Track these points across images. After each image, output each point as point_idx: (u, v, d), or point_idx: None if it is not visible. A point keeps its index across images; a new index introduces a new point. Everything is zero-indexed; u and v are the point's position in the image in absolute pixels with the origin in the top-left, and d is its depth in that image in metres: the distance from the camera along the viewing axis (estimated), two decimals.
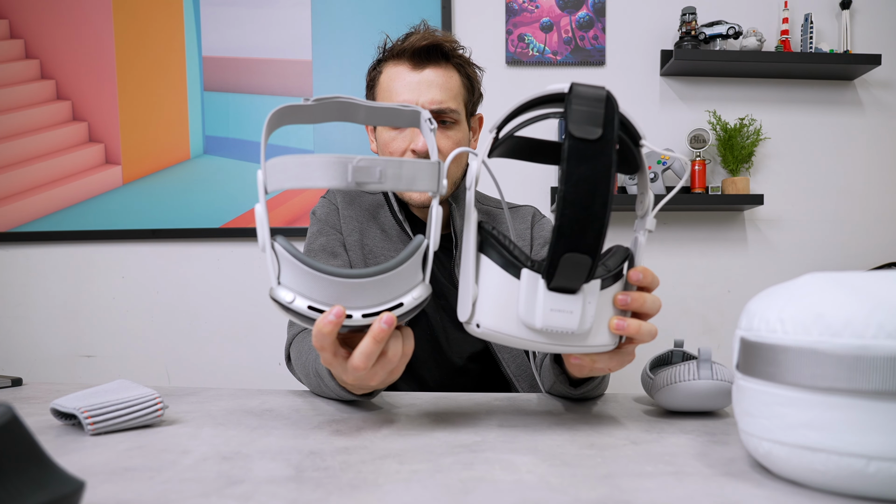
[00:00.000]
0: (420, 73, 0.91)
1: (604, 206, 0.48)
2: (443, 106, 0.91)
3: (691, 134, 1.74)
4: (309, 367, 0.75)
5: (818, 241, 1.85)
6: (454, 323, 0.99)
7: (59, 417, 0.61)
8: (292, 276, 0.52)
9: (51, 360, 1.84)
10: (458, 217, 0.99)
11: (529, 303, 0.51)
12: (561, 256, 0.49)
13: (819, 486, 0.40)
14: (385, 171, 0.51)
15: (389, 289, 0.53)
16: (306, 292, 0.52)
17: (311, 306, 0.51)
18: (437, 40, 0.91)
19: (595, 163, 0.48)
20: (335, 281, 0.51)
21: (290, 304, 0.51)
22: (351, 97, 0.59)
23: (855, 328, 0.38)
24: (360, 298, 0.52)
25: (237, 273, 1.83)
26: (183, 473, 0.46)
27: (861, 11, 1.82)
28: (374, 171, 0.50)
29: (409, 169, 0.52)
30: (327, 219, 1.01)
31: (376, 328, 0.51)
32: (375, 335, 0.51)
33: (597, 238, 0.49)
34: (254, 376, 1.83)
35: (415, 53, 0.91)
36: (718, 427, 0.60)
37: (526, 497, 0.41)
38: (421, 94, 0.90)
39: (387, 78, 0.93)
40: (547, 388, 0.75)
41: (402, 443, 0.54)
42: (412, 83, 0.91)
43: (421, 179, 0.53)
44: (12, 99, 1.80)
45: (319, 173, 0.50)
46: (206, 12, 1.80)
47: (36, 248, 1.83)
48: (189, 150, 1.81)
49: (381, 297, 0.53)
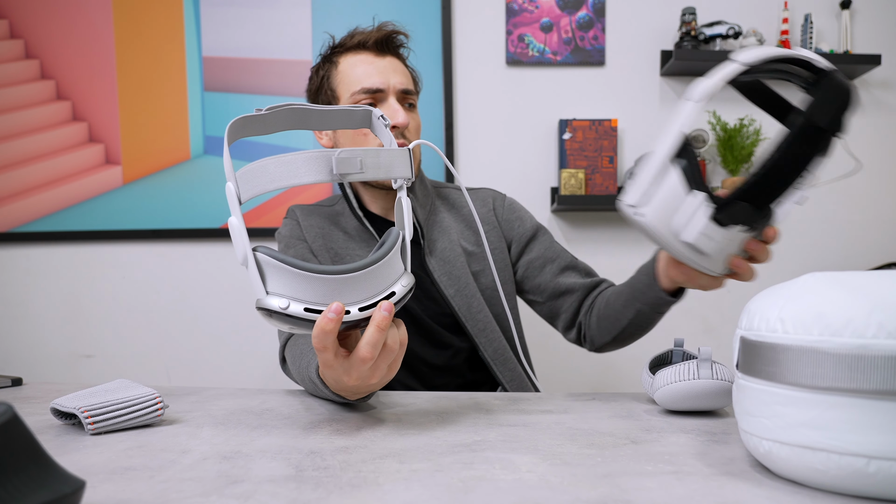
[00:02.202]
0: (384, 59, 0.95)
1: (791, 182, 0.59)
2: (408, 87, 0.96)
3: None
4: (304, 374, 0.74)
5: (818, 241, 1.85)
6: (432, 311, 1.00)
7: (59, 417, 0.61)
8: (281, 281, 0.51)
9: (51, 360, 1.84)
10: (417, 207, 1.00)
11: (691, 220, 0.58)
12: (738, 202, 0.58)
13: (819, 486, 0.40)
14: (364, 160, 0.54)
15: (379, 280, 0.54)
16: (299, 295, 0.51)
17: (307, 308, 0.51)
18: (395, 30, 0.97)
19: (812, 148, 0.57)
20: (327, 279, 0.51)
21: (286, 309, 0.51)
22: (303, 103, 0.61)
23: (855, 328, 0.38)
24: (353, 293, 0.52)
25: (237, 273, 1.83)
26: (183, 473, 0.46)
27: (861, 11, 1.82)
28: (356, 161, 0.53)
29: (385, 157, 0.56)
30: (291, 233, 1.03)
31: (378, 316, 0.52)
32: (378, 323, 0.52)
33: (770, 202, 0.60)
34: (254, 376, 1.83)
35: (377, 43, 0.95)
36: (718, 427, 0.60)
37: (526, 496, 0.41)
38: (389, 77, 0.94)
39: (347, 67, 0.96)
40: (622, 303, 0.87)
41: (402, 442, 0.54)
42: (379, 67, 0.94)
43: (397, 166, 0.57)
44: (12, 99, 1.80)
45: (305, 169, 0.51)
46: (206, 12, 1.80)
47: (36, 248, 1.83)
48: (189, 150, 1.81)
49: (374, 290, 0.54)
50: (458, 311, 0.96)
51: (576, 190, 1.70)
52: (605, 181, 1.74)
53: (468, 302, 0.97)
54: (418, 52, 1.80)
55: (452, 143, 1.80)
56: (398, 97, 0.95)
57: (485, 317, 0.97)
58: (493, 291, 1.01)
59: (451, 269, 0.98)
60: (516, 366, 0.98)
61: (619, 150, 1.82)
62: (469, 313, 0.97)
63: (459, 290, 0.97)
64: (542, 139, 1.82)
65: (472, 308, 0.97)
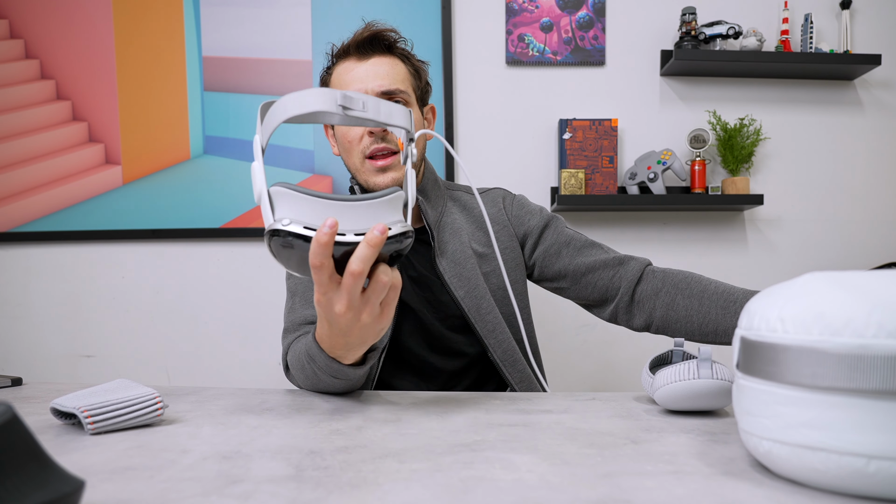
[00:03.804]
0: (366, 63, 0.96)
1: None
2: (391, 87, 0.95)
3: (691, 134, 1.74)
4: (302, 355, 0.75)
5: (818, 241, 1.85)
6: (442, 314, 0.99)
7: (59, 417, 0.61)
8: (287, 207, 0.56)
9: (51, 360, 1.84)
10: (429, 209, 1.00)
11: None
12: None
13: (819, 486, 0.40)
14: (367, 102, 0.60)
15: (378, 215, 0.57)
16: (301, 218, 0.55)
17: (306, 226, 0.55)
18: (377, 31, 0.97)
19: None
20: (328, 203, 0.55)
21: (286, 226, 0.54)
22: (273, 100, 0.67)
23: (855, 327, 0.38)
24: (351, 221, 0.56)
25: (237, 273, 1.83)
26: (183, 473, 0.46)
27: (861, 11, 1.82)
28: (358, 100, 0.59)
29: (386, 106, 0.62)
30: None
31: (370, 235, 0.54)
32: (370, 240, 0.54)
33: None
34: (254, 376, 1.83)
35: (359, 46, 0.96)
36: (718, 426, 0.60)
37: (526, 496, 0.41)
38: (368, 82, 0.94)
39: (337, 75, 0.98)
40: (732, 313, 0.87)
41: (402, 442, 0.54)
42: (359, 73, 0.95)
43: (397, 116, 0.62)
44: (12, 99, 1.80)
45: (312, 99, 0.58)
46: (206, 12, 1.80)
47: (36, 248, 1.83)
48: (189, 150, 1.81)
49: (373, 219, 0.57)
50: (468, 313, 0.96)
51: (576, 190, 1.70)
52: (605, 181, 1.74)
53: (478, 303, 0.96)
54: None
55: (452, 143, 1.80)
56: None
57: (494, 318, 0.97)
58: (503, 292, 1.00)
59: (462, 270, 0.97)
60: (525, 367, 0.98)
61: (619, 150, 1.82)
62: (479, 314, 0.96)
63: (469, 291, 0.97)
64: (542, 139, 1.82)
65: (482, 309, 0.97)
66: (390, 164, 0.95)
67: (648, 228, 1.83)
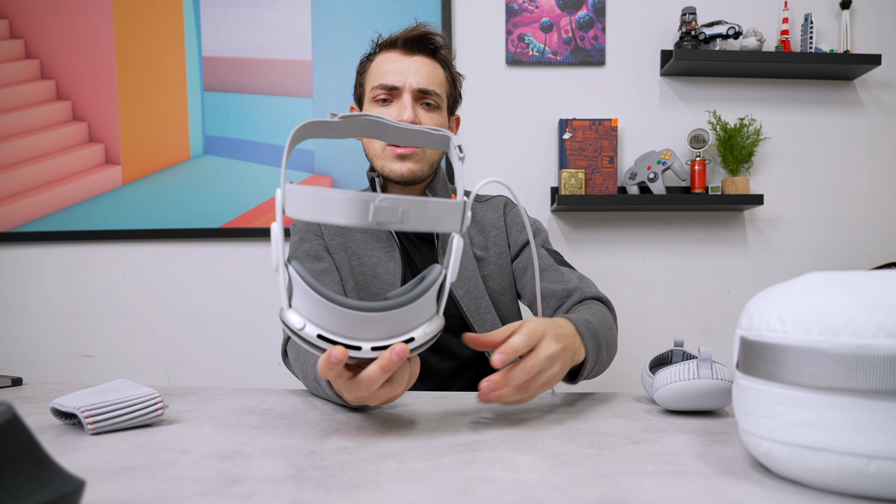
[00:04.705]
0: (410, 59, 0.98)
1: None
2: (428, 87, 0.97)
3: (691, 134, 1.74)
4: (308, 371, 0.75)
5: (818, 241, 1.85)
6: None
7: (59, 417, 0.61)
8: (304, 301, 0.51)
9: (51, 360, 1.84)
10: None
11: None
12: None
13: (819, 486, 0.40)
14: (408, 211, 0.49)
15: (402, 322, 0.52)
16: (317, 320, 0.51)
17: (320, 335, 0.51)
18: (428, 32, 0.99)
19: None
20: (347, 313, 0.50)
21: (300, 331, 0.51)
22: (381, 118, 0.58)
23: (855, 327, 0.38)
24: (371, 331, 0.51)
25: (237, 273, 1.83)
26: (183, 473, 0.46)
27: (861, 11, 1.82)
28: (397, 210, 0.49)
29: (433, 209, 0.51)
30: (308, 227, 1.03)
31: (386, 359, 0.51)
32: (384, 365, 0.51)
33: None
34: (254, 376, 1.83)
35: (406, 41, 0.98)
36: (718, 426, 0.60)
37: (526, 496, 0.41)
38: (409, 75, 0.96)
39: (378, 62, 1.00)
40: None
41: (402, 442, 0.54)
42: (402, 66, 0.97)
43: (444, 220, 0.52)
44: (12, 99, 1.80)
45: (340, 209, 0.48)
46: (206, 12, 1.80)
47: (36, 248, 1.83)
48: (189, 150, 1.81)
49: (393, 331, 0.52)
50: (467, 312, 0.98)
51: (576, 190, 1.70)
52: (605, 181, 1.74)
53: (477, 303, 0.99)
54: None
55: None
56: (414, 96, 0.96)
57: (493, 318, 0.99)
58: (500, 295, 1.02)
59: (462, 270, 1.00)
60: None
61: (619, 150, 1.82)
62: (477, 314, 0.98)
63: (469, 291, 0.99)
64: (542, 139, 1.82)
65: (481, 310, 0.99)
66: (410, 154, 0.96)
67: (648, 228, 1.83)
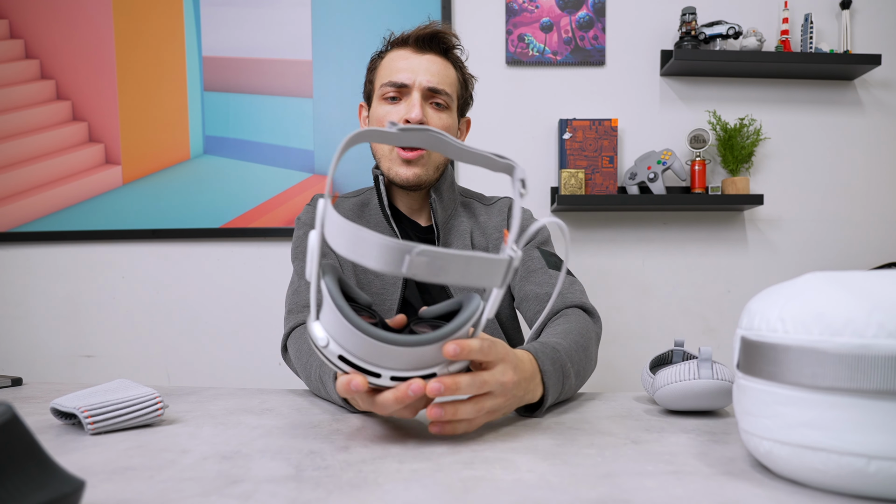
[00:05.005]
0: (421, 57, 0.97)
1: None
2: (438, 86, 0.95)
3: (691, 134, 1.74)
4: (312, 371, 0.75)
5: (818, 241, 1.85)
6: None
7: (59, 417, 0.61)
8: (331, 320, 0.51)
9: (51, 360, 1.84)
10: (439, 209, 0.99)
11: None
12: None
13: (819, 486, 0.40)
14: (446, 266, 0.46)
15: (425, 357, 0.51)
16: (341, 340, 0.51)
17: (341, 356, 0.51)
18: (441, 31, 0.98)
19: None
20: (370, 342, 0.50)
21: (324, 348, 0.51)
22: (442, 133, 0.56)
23: (855, 327, 0.37)
24: (392, 361, 0.51)
25: (237, 273, 1.83)
26: (183, 473, 0.46)
27: (861, 11, 1.82)
28: (434, 265, 0.46)
29: (476, 267, 0.48)
30: (312, 223, 1.02)
31: (402, 392, 0.51)
32: (398, 397, 0.51)
33: None
34: (254, 376, 1.83)
35: (418, 39, 0.97)
36: (718, 427, 0.60)
37: (526, 496, 0.41)
38: (419, 73, 0.95)
39: (389, 59, 0.99)
40: None
41: (402, 442, 0.54)
42: (412, 63, 0.96)
43: (487, 277, 0.49)
44: (12, 99, 1.80)
45: (374, 254, 0.46)
46: (206, 12, 1.80)
47: (36, 248, 1.83)
48: (189, 150, 1.81)
49: (415, 364, 0.51)
50: None
51: (576, 190, 1.70)
52: (605, 181, 1.74)
53: None
54: None
55: None
56: (423, 94, 0.95)
57: (491, 322, 0.99)
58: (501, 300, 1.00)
59: None
60: None
61: (619, 150, 1.82)
62: None
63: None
64: (542, 139, 1.82)
65: None
66: (417, 159, 0.95)
67: (648, 228, 1.83)
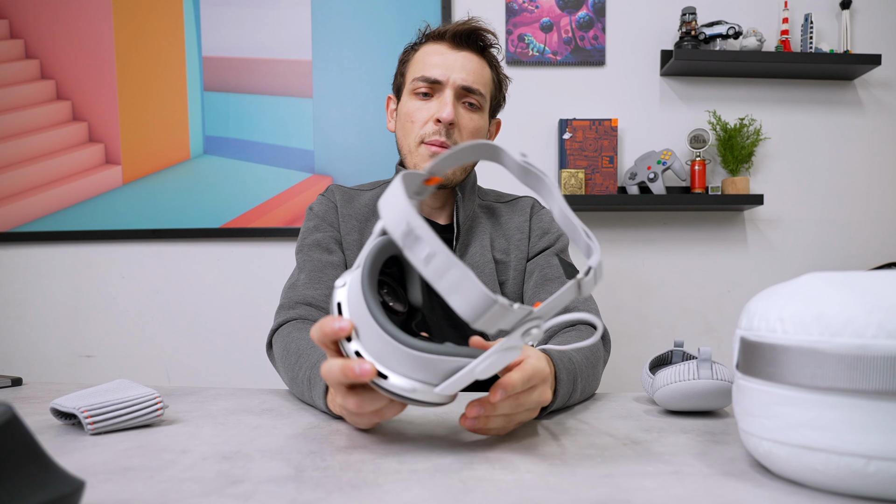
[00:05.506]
0: (457, 53, 0.94)
1: None
2: (473, 85, 0.93)
3: (691, 134, 1.74)
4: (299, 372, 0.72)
5: (818, 241, 1.85)
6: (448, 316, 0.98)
7: (59, 417, 0.61)
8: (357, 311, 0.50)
9: (51, 360, 1.84)
10: (461, 208, 0.99)
11: None
12: None
13: (819, 486, 0.40)
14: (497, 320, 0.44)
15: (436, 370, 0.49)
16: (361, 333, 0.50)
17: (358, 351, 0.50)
18: (479, 27, 0.95)
19: None
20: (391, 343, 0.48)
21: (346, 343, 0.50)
22: (498, 145, 0.56)
23: (855, 328, 0.37)
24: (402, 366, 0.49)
25: (237, 273, 1.83)
26: (183, 473, 0.46)
27: (861, 11, 1.82)
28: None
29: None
30: (325, 216, 1.00)
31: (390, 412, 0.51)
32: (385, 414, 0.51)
33: None
34: (254, 376, 1.83)
35: (455, 35, 0.94)
36: (718, 427, 0.60)
37: (526, 496, 0.41)
38: (454, 70, 0.93)
39: (423, 53, 0.96)
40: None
41: (402, 442, 0.54)
42: (448, 59, 0.94)
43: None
44: (12, 99, 1.80)
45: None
46: (206, 12, 1.80)
47: (36, 248, 1.83)
48: (189, 150, 1.81)
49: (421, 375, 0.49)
50: None
51: (576, 190, 1.70)
52: (605, 181, 1.74)
53: None
54: None
55: None
56: (456, 93, 0.93)
57: None
58: (517, 300, 0.99)
59: (479, 275, 0.96)
60: None
61: (619, 150, 1.82)
62: None
63: None
64: (542, 139, 1.82)
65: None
66: None
67: (648, 228, 1.83)
